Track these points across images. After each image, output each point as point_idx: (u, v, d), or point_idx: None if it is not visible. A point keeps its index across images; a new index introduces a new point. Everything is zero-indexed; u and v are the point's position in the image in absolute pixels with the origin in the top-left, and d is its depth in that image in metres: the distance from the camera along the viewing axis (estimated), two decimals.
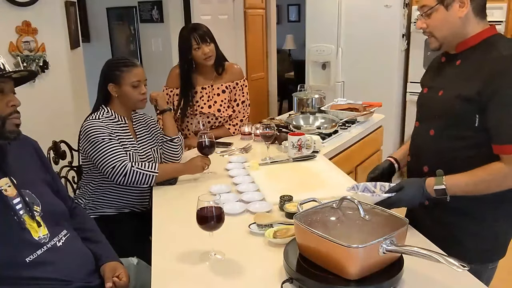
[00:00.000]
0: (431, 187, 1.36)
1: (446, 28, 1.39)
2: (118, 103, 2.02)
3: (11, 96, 1.39)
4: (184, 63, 2.54)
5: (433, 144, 1.46)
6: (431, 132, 1.46)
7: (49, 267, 1.35)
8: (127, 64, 1.98)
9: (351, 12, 4.03)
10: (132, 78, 1.97)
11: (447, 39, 1.41)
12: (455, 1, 1.35)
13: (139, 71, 2.00)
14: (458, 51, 1.42)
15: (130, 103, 2.02)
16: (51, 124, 2.76)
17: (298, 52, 7.21)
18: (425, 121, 1.51)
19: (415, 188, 1.38)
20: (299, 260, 1.17)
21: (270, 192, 1.76)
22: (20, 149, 1.48)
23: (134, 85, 1.97)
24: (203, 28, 2.50)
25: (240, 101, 2.67)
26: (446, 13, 1.37)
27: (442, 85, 1.44)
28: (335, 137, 2.54)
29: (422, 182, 1.38)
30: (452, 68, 1.44)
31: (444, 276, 1.16)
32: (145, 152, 2.07)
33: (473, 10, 1.36)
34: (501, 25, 3.60)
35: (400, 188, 1.40)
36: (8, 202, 1.35)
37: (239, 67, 2.72)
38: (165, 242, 1.47)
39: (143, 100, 2.02)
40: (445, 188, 1.34)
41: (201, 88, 2.59)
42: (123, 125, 2.02)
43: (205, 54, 2.47)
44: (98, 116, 1.97)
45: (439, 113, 1.43)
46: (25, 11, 2.69)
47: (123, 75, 1.96)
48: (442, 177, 1.35)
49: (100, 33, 4.75)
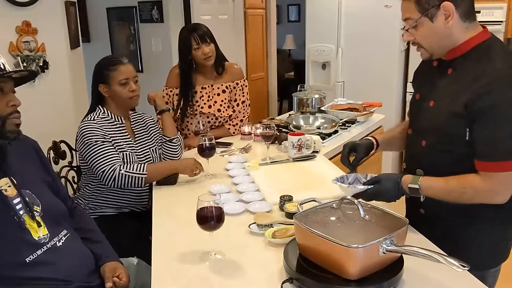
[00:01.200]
0: (406, 184, 1.36)
1: (434, 39, 1.34)
2: (112, 103, 2.01)
3: (11, 96, 1.39)
4: (184, 63, 2.54)
5: (425, 155, 1.43)
6: (423, 143, 1.43)
7: (49, 267, 1.35)
8: (114, 63, 1.98)
9: (351, 12, 4.03)
10: (120, 76, 1.96)
11: (436, 48, 1.37)
12: (439, 12, 1.29)
13: (126, 68, 1.98)
14: (448, 59, 1.37)
15: (121, 101, 2.00)
16: (51, 124, 2.76)
17: (298, 52, 7.21)
18: (417, 130, 1.49)
19: (391, 183, 1.38)
20: (299, 260, 1.17)
21: (270, 192, 1.76)
22: (20, 149, 1.48)
23: (122, 83, 1.96)
24: (203, 28, 2.50)
25: (240, 101, 2.66)
26: (432, 25, 1.31)
27: (433, 96, 1.40)
28: (335, 137, 2.54)
29: (399, 178, 1.39)
30: (444, 77, 1.39)
31: (444, 276, 1.16)
32: (143, 153, 2.07)
33: (460, 16, 1.30)
34: (501, 25, 3.60)
35: (377, 181, 1.40)
36: (8, 202, 1.34)
37: (239, 67, 2.72)
38: (165, 242, 1.46)
39: (133, 97, 2.00)
40: (418, 188, 1.34)
41: (201, 88, 2.59)
42: (119, 125, 2.02)
43: (205, 54, 2.47)
44: (93, 117, 1.96)
45: (430, 126, 1.40)
46: (25, 11, 2.69)
47: (111, 74, 1.96)
48: (419, 177, 1.35)
49: (100, 33, 4.75)
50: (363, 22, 3.99)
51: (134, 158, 1.99)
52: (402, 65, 4.09)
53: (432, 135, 1.40)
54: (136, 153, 2.03)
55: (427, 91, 1.45)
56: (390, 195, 1.39)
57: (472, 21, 1.33)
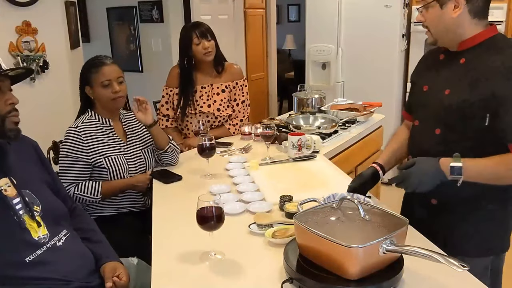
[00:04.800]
0: (447, 165, 1.33)
1: (440, 25, 1.41)
2: (99, 105, 1.99)
3: (9, 94, 1.39)
4: (185, 60, 2.54)
5: (439, 143, 1.45)
6: (437, 131, 1.45)
7: (48, 267, 1.35)
8: (96, 64, 1.95)
9: (351, 12, 4.03)
10: (101, 78, 1.93)
11: (441, 35, 1.43)
12: (450, 1, 1.36)
13: (109, 69, 1.94)
14: (459, 50, 1.43)
15: (104, 103, 1.97)
16: (51, 124, 2.76)
17: (298, 52, 7.21)
18: (429, 120, 1.50)
19: (428, 164, 1.36)
20: (299, 260, 1.17)
21: (270, 192, 1.76)
22: (20, 149, 1.48)
23: (105, 84, 1.93)
24: (204, 25, 2.54)
25: (240, 101, 2.67)
26: (440, 11, 1.38)
27: (448, 85, 1.43)
28: (335, 137, 2.54)
29: (436, 161, 1.36)
30: (456, 66, 1.44)
31: (444, 276, 1.16)
32: (134, 156, 2.04)
33: (469, 12, 1.36)
34: (501, 25, 3.60)
35: (412, 164, 1.38)
36: (8, 202, 1.35)
37: (239, 67, 2.72)
38: (165, 242, 1.46)
39: (117, 98, 1.96)
40: (461, 166, 1.31)
41: (201, 87, 2.60)
42: (106, 128, 2.00)
43: (205, 49, 2.48)
44: (78, 123, 1.95)
45: (446, 113, 1.42)
46: (25, 11, 2.69)
47: (93, 76, 1.94)
48: (459, 157, 1.34)
49: (100, 33, 4.75)
50: (363, 22, 3.99)
51: (123, 161, 1.97)
52: (402, 65, 4.08)
53: (447, 121, 1.42)
54: (126, 155, 2.00)
55: (439, 81, 1.48)
56: (429, 178, 1.35)
57: (482, 19, 1.39)
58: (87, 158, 1.92)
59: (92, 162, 1.93)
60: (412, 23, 3.95)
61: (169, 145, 2.09)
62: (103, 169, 1.94)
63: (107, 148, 1.96)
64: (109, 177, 1.96)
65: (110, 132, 2.01)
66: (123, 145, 2.02)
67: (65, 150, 1.92)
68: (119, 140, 2.02)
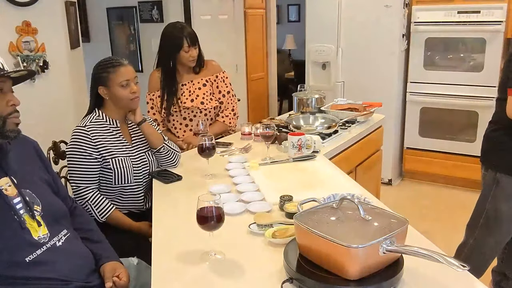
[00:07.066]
0: None
1: None
2: (111, 105, 1.98)
3: (10, 95, 1.39)
4: (169, 62, 2.55)
5: None
6: None
7: (48, 267, 1.35)
8: (113, 65, 1.94)
9: (351, 12, 4.03)
10: (120, 78, 1.92)
11: None
12: None
13: (126, 70, 1.95)
14: None
15: (122, 103, 1.97)
16: (51, 124, 2.76)
17: (298, 52, 7.21)
18: None
19: None
20: (299, 260, 1.17)
21: (270, 192, 1.76)
22: (20, 149, 1.48)
23: (123, 84, 1.92)
24: (191, 30, 2.56)
25: (226, 91, 2.68)
26: None
27: None
28: (335, 137, 2.54)
29: None
30: None
31: (444, 276, 1.16)
32: (139, 158, 2.03)
33: None
34: (501, 25, 3.60)
35: None
36: (8, 202, 1.34)
37: (217, 63, 2.74)
38: (165, 242, 1.46)
39: (134, 99, 1.97)
40: None
41: (181, 85, 2.61)
42: (113, 129, 1.99)
43: (192, 57, 2.52)
44: (85, 122, 1.94)
45: None
46: (25, 11, 2.69)
47: (110, 76, 1.92)
48: None
49: (100, 33, 4.75)
50: (363, 22, 3.99)
51: (128, 163, 1.96)
52: (402, 65, 4.08)
53: None
54: (132, 157, 1.99)
55: None
56: None
57: None
58: (97, 156, 1.91)
59: (101, 161, 1.92)
60: (412, 23, 3.94)
61: (163, 146, 2.08)
62: (109, 170, 1.93)
63: (114, 149, 1.95)
64: (113, 178, 1.94)
65: (117, 133, 2.00)
66: (128, 147, 2.01)
67: (74, 149, 1.89)
68: (125, 142, 2.01)
